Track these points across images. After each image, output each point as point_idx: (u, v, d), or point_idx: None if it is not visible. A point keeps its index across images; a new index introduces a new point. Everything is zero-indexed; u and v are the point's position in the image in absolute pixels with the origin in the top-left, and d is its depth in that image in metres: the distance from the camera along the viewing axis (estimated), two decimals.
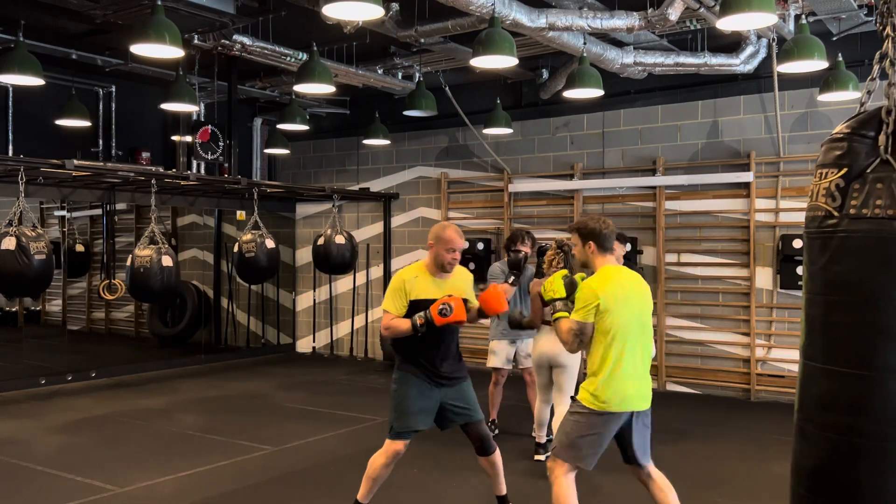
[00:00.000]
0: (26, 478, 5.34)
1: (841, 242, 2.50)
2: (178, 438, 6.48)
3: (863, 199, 2.45)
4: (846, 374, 2.48)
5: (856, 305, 2.48)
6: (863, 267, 2.45)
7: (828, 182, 2.56)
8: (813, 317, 2.64)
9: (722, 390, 8.30)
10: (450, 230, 4.15)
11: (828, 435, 2.54)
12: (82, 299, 13.61)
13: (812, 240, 2.64)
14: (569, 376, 5.52)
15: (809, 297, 2.67)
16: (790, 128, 8.01)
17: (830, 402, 2.54)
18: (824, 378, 2.56)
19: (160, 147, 10.38)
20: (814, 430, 2.61)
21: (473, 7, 5.82)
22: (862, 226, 2.44)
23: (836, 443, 2.52)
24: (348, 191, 10.59)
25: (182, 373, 9.68)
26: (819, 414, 2.58)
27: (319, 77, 7.02)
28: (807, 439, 2.66)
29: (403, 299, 4.12)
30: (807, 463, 2.65)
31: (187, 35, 7.00)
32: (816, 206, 2.61)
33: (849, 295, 2.49)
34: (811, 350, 2.65)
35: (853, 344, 2.48)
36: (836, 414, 2.51)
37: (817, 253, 2.60)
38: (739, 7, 5.00)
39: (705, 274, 8.43)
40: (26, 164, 7.09)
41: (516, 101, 9.61)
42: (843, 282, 2.50)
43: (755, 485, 5.23)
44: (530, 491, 5.07)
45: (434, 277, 4.19)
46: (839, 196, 2.51)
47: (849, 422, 2.47)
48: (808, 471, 2.65)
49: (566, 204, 9.30)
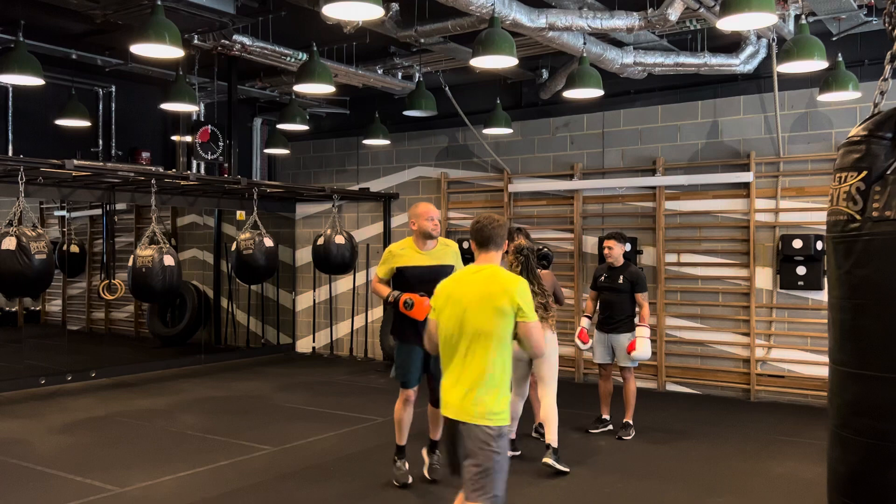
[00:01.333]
0: (26, 478, 5.34)
1: (865, 246, 2.46)
2: (178, 438, 6.48)
3: (885, 201, 2.42)
4: (878, 378, 2.44)
5: (884, 308, 2.44)
6: (889, 269, 2.41)
7: (848, 186, 2.53)
8: (841, 321, 2.59)
9: (722, 390, 8.30)
10: (422, 205, 5.09)
11: (863, 440, 2.50)
12: (82, 299, 13.61)
13: (836, 244, 2.60)
14: (549, 366, 5.54)
15: (836, 302, 2.63)
16: (790, 128, 8.01)
17: (864, 407, 2.50)
18: (856, 383, 2.52)
19: (160, 147, 10.38)
20: (849, 436, 2.56)
21: (473, 7, 5.82)
22: (886, 228, 2.41)
23: (872, 448, 2.47)
24: (348, 191, 10.59)
25: (182, 373, 9.68)
26: (853, 419, 2.54)
27: (319, 77, 7.01)
28: (842, 445, 2.61)
29: (390, 265, 5.08)
30: (842, 469, 2.60)
31: (187, 35, 7.00)
32: (838, 211, 2.56)
33: (876, 298, 2.46)
34: (841, 355, 2.60)
35: (883, 347, 2.44)
36: (871, 419, 2.47)
37: (842, 257, 2.56)
38: (739, 7, 5.00)
39: (705, 274, 8.43)
40: (26, 164, 7.09)
41: (516, 101, 9.62)
42: (870, 285, 2.47)
43: (755, 485, 5.23)
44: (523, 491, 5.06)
45: (419, 250, 5.07)
46: (860, 199, 2.48)
47: (884, 427, 2.43)
48: (844, 477, 2.60)
49: (566, 204, 9.30)
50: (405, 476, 5.16)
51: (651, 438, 6.42)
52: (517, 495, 4.98)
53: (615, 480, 5.32)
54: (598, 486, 5.23)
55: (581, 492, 5.14)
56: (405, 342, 5.13)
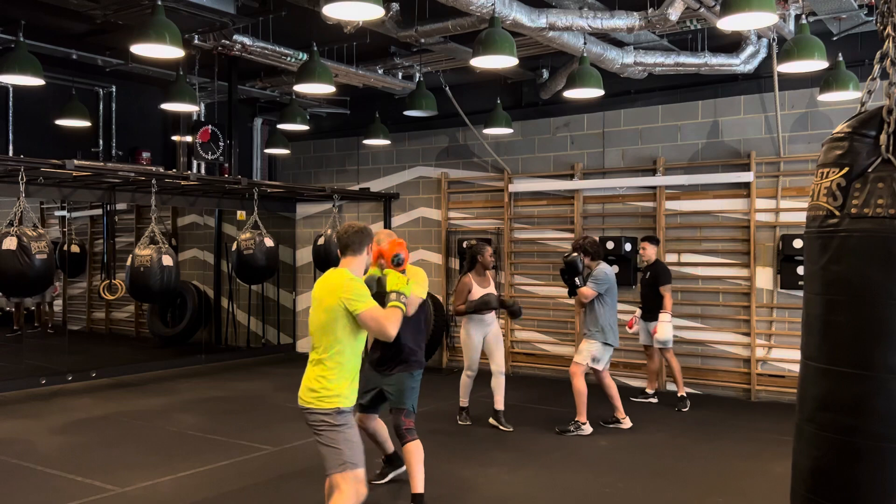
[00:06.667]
0: (26, 478, 5.34)
1: (842, 242, 2.49)
2: (178, 438, 6.48)
3: (864, 199, 2.45)
4: (846, 373, 2.48)
5: (856, 305, 2.47)
6: (864, 266, 2.44)
7: (829, 181, 2.56)
8: (813, 316, 2.63)
9: (722, 390, 8.29)
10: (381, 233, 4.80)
11: (827, 435, 2.53)
12: (83, 299, 13.61)
13: (813, 239, 2.63)
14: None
15: (809, 297, 2.66)
16: (790, 128, 8.01)
17: (830, 403, 2.53)
18: (824, 378, 2.56)
19: (160, 147, 10.38)
20: (814, 431, 2.60)
21: (473, 7, 5.82)
22: (863, 225, 2.44)
23: (836, 443, 2.51)
24: (348, 191, 10.59)
25: (182, 373, 9.68)
26: (819, 414, 2.57)
27: (319, 77, 7.02)
28: (807, 439, 2.65)
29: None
30: (807, 463, 2.65)
31: (187, 35, 7.00)
32: (818, 206, 2.60)
33: (849, 294, 2.49)
34: (811, 350, 2.64)
35: (853, 343, 2.47)
36: (836, 414, 2.50)
37: (818, 252, 2.59)
38: (739, 7, 4.99)
39: (705, 274, 8.43)
40: (27, 164, 7.09)
41: (516, 101, 9.61)
42: (844, 281, 2.50)
43: (755, 485, 5.23)
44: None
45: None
46: (840, 195, 2.51)
47: (848, 422, 2.46)
48: (808, 471, 2.65)
49: (566, 204, 9.30)
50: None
51: (651, 438, 6.42)
52: (517, 495, 4.99)
53: (615, 480, 5.31)
54: (598, 486, 5.23)
55: (581, 492, 5.13)
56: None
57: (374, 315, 3.60)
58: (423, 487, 4.57)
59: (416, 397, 4.76)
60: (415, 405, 4.73)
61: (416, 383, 4.76)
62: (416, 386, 4.76)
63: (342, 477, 3.60)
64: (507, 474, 5.48)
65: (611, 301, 6.58)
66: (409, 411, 4.68)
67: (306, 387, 3.68)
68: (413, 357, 4.76)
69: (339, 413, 3.64)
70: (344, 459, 3.61)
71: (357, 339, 3.69)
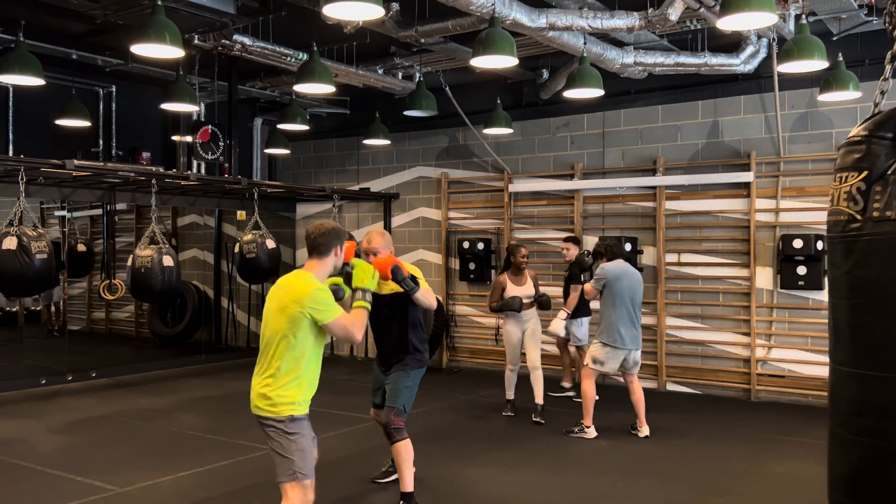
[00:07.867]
0: (26, 478, 5.34)
1: (865, 246, 2.46)
2: (178, 438, 6.48)
3: (886, 201, 2.42)
4: (877, 377, 2.44)
5: (883, 308, 2.44)
6: (889, 269, 2.41)
7: (848, 186, 2.53)
8: (840, 321, 2.59)
9: (722, 390, 8.29)
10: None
11: (862, 440, 2.50)
12: (83, 299, 13.61)
13: (836, 244, 2.59)
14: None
15: (836, 302, 2.62)
16: (790, 128, 8.00)
17: (863, 407, 2.50)
18: (855, 382, 2.52)
19: (160, 147, 10.38)
20: (848, 436, 2.56)
21: (473, 7, 5.82)
22: (886, 228, 2.41)
23: (871, 447, 2.47)
24: (348, 191, 10.59)
25: (182, 373, 9.69)
26: (852, 419, 2.54)
27: (319, 77, 7.02)
28: (841, 445, 2.61)
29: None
30: (843, 469, 2.60)
31: (187, 35, 7.00)
32: (839, 211, 2.56)
33: (875, 297, 2.46)
34: (840, 354, 2.59)
35: (883, 347, 2.43)
36: (869, 418, 2.47)
37: (841, 257, 2.55)
38: (739, 7, 4.99)
39: (705, 274, 8.43)
40: (27, 164, 7.09)
41: (516, 101, 9.61)
42: (869, 284, 2.47)
43: (755, 485, 5.22)
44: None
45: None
46: (861, 199, 2.48)
47: (883, 426, 2.42)
48: (844, 476, 2.60)
49: (566, 204, 9.30)
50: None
51: (651, 438, 6.41)
52: (517, 495, 4.99)
53: (615, 480, 5.31)
54: (599, 486, 5.23)
55: (581, 492, 5.14)
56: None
57: (341, 323, 3.56)
58: (412, 486, 4.57)
59: (411, 397, 4.71)
60: (407, 405, 4.68)
61: (412, 383, 4.72)
62: (412, 386, 4.71)
63: (291, 486, 3.61)
64: (507, 474, 5.48)
65: (617, 301, 6.30)
66: (400, 410, 4.63)
67: (258, 393, 3.59)
68: (412, 356, 4.73)
69: (292, 421, 3.60)
70: (294, 469, 3.60)
71: (318, 346, 3.63)
